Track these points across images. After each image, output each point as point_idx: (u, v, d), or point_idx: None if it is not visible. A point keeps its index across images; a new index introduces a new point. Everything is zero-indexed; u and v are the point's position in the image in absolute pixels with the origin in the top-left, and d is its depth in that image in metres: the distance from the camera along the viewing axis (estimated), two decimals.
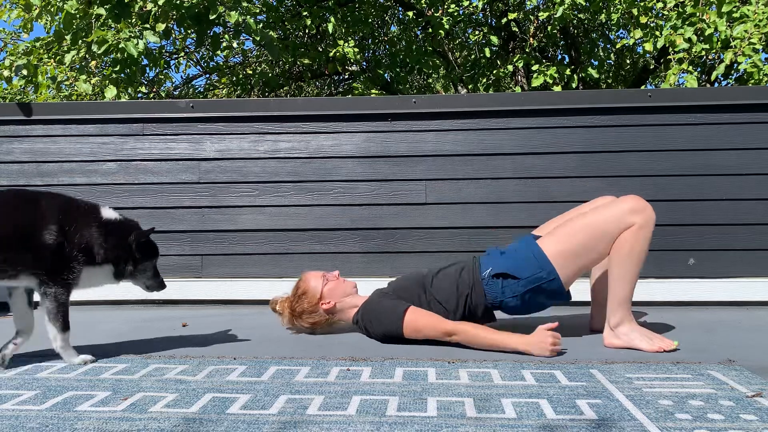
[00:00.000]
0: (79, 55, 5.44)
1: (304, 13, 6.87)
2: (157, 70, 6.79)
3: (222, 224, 3.12)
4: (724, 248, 2.94)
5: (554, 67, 6.57)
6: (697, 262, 2.94)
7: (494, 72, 7.72)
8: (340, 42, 6.73)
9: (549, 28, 7.06)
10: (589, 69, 7.07)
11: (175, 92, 8.11)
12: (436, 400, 1.48)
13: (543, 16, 6.49)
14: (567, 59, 8.34)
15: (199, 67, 8.57)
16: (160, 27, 5.12)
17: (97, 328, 2.51)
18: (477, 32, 7.77)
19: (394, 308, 2.08)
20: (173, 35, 6.69)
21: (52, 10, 5.27)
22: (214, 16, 5.01)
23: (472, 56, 8.56)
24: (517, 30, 8.09)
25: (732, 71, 6.11)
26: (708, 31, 5.09)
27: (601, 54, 8.66)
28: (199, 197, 3.12)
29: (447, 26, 7.03)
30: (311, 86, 9.96)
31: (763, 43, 5.01)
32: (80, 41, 5.33)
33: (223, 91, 8.63)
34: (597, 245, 1.99)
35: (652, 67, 7.85)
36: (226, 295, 3.06)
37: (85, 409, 1.44)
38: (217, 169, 3.13)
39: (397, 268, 2.91)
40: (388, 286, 2.24)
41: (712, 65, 5.61)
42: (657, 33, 5.55)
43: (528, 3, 7.24)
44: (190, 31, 6.70)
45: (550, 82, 6.51)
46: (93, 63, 5.61)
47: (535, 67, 6.70)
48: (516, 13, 7.06)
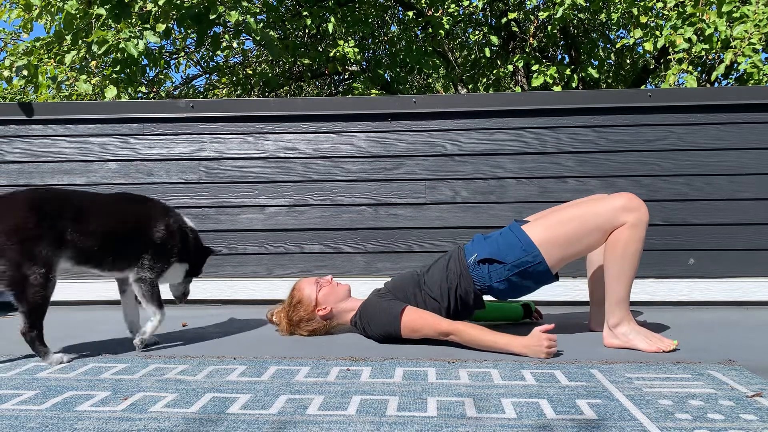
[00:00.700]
0: (80, 55, 5.45)
1: (304, 13, 6.87)
2: (157, 70, 6.80)
3: (222, 224, 3.12)
4: (724, 248, 2.94)
5: (554, 67, 6.57)
6: (697, 262, 2.94)
7: (494, 72, 7.72)
8: (340, 42, 6.73)
9: (549, 28, 7.06)
10: (589, 69, 7.07)
11: (175, 92, 8.11)
12: (436, 400, 1.48)
13: (543, 16, 6.49)
14: (567, 59, 8.34)
15: (199, 67, 8.57)
16: (161, 27, 5.12)
17: (97, 328, 2.51)
18: (477, 32, 7.77)
19: (391, 309, 2.08)
20: (173, 35, 6.69)
21: (53, 10, 5.28)
22: (215, 16, 5.01)
23: (472, 56, 8.56)
24: (517, 30, 8.09)
25: (732, 71, 6.12)
26: (708, 31, 5.09)
27: (601, 54, 8.66)
28: (199, 197, 3.12)
29: (447, 26, 7.03)
30: (311, 86, 9.96)
31: (763, 44, 5.01)
32: (80, 41, 5.33)
33: (223, 91, 8.63)
34: (585, 237, 1.99)
35: (652, 67, 7.84)
36: (226, 295, 3.07)
37: (85, 409, 1.44)
38: (217, 169, 3.14)
39: (397, 268, 2.91)
40: (385, 287, 2.24)
41: (712, 65, 5.61)
42: (657, 33, 5.55)
43: (528, 3, 7.24)
44: (190, 31, 6.70)
45: (550, 82, 6.51)
46: (93, 63, 5.61)
47: (535, 67, 6.70)
48: (516, 13, 7.06)
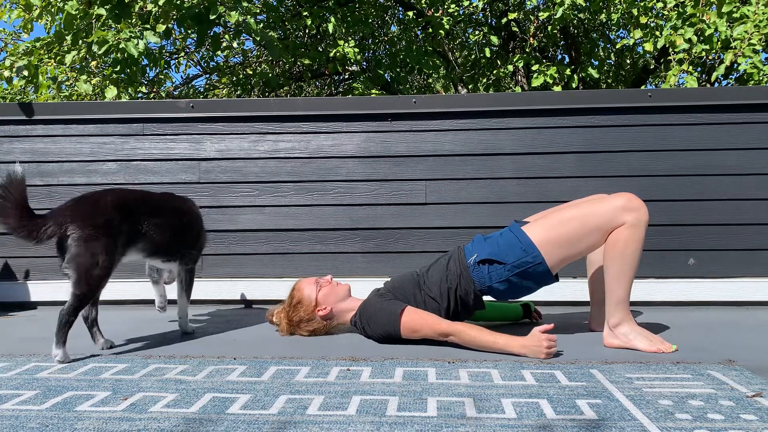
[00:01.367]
0: (80, 56, 5.45)
1: (305, 13, 6.87)
2: (157, 70, 6.80)
3: (222, 224, 3.12)
4: (724, 248, 2.94)
5: (554, 67, 6.57)
6: (697, 262, 2.95)
7: (494, 72, 7.72)
8: (340, 42, 6.73)
9: (549, 28, 7.06)
10: (589, 69, 7.07)
11: (175, 92, 8.11)
12: (436, 400, 1.48)
13: (543, 16, 6.50)
14: (567, 59, 8.34)
15: (199, 67, 8.57)
16: (161, 28, 5.12)
17: None
18: (477, 32, 7.77)
19: (391, 309, 2.08)
20: (173, 35, 6.69)
21: (53, 10, 5.27)
22: (215, 17, 5.01)
23: (472, 56, 8.57)
24: (517, 30, 8.09)
25: (732, 72, 6.12)
26: (708, 32, 5.09)
27: (601, 54, 8.67)
28: (199, 197, 3.12)
29: (447, 26, 7.03)
30: (311, 86, 9.96)
31: (763, 44, 5.01)
32: (81, 41, 5.33)
33: (223, 91, 8.63)
34: (585, 237, 1.98)
35: (652, 67, 7.85)
36: (226, 295, 3.07)
37: (85, 409, 1.44)
38: (217, 169, 3.14)
39: (397, 268, 2.91)
40: (384, 287, 2.24)
41: (713, 66, 5.61)
42: (657, 33, 5.55)
43: (528, 3, 7.24)
44: (190, 31, 6.70)
45: (550, 82, 6.51)
46: (93, 63, 5.61)
47: (535, 67, 6.70)
48: (516, 13, 7.06)
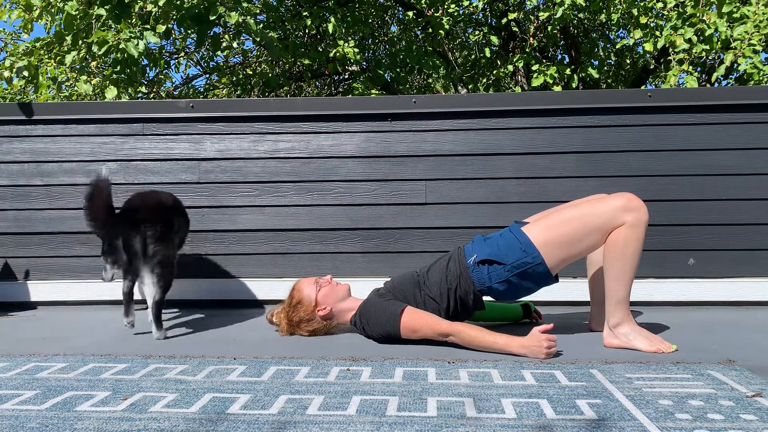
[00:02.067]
0: (80, 56, 5.45)
1: (304, 13, 6.87)
2: (157, 70, 6.80)
3: (222, 224, 3.12)
4: (724, 248, 2.94)
5: (554, 67, 6.57)
6: (697, 262, 2.94)
7: (494, 72, 7.72)
8: (340, 42, 6.73)
9: (549, 28, 7.06)
10: (589, 69, 7.07)
11: (175, 92, 8.11)
12: (436, 400, 1.48)
13: (543, 16, 6.50)
14: (567, 59, 8.34)
15: (199, 67, 8.57)
16: (161, 28, 5.12)
17: (98, 328, 2.51)
18: (477, 32, 7.77)
19: (390, 309, 2.08)
20: (173, 35, 6.69)
21: (53, 10, 5.27)
22: (215, 17, 5.01)
23: (472, 56, 8.57)
24: (517, 30, 8.09)
25: (732, 72, 6.12)
26: (708, 32, 5.09)
27: (601, 54, 8.67)
28: (199, 197, 3.12)
29: (447, 26, 7.03)
30: (311, 86, 9.96)
31: (763, 44, 5.01)
32: (81, 42, 5.33)
33: (223, 91, 8.63)
34: (586, 237, 1.98)
35: (652, 67, 7.85)
36: (226, 295, 3.07)
37: (85, 409, 1.44)
38: (217, 169, 3.14)
39: (397, 268, 2.91)
40: (384, 286, 2.24)
41: (713, 66, 5.61)
42: (657, 33, 5.56)
43: (528, 3, 7.25)
44: (190, 31, 6.70)
45: (550, 82, 6.51)
46: (93, 63, 5.61)
47: (535, 67, 6.71)
48: (516, 13, 7.06)
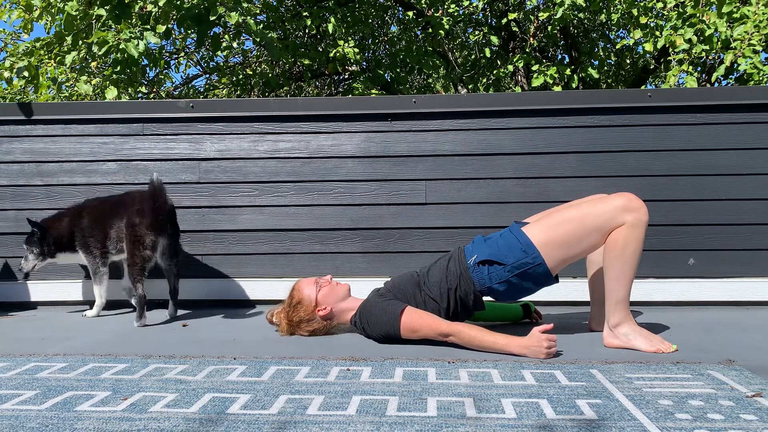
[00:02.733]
0: (80, 56, 5.45)
1: (304, 14, 6.87)
2: (157, 71, 6.80)
3: (222, 224, 3.12)
4: (724, 248, 2.94)
5: (554, 67, 6.57)
6: (697, 262, 2.94)
7: (494, 72, 7.72)
8: (340, 42, 6.73)
9: (549, 28, 7.07)
10: (589, 69, 7.07)
11: (175, 92, 8.11)
12: (436, 400, 1.48)
13: (543, 16, 6.50)
14: (567, 59, 8.34)
15: (199, 67, 8.57)
16: (161, 28, 5.12)
17: (98, 328, 2.52)
18: (477, 32, 7.77)
19: (390, 309, 2.08)
20: (173, 35, 6.69)
21: (53, 11, 5.27)
22: (215, 17, 5.01)
23: (472, 56, 8.57)
24: (517, 30, 8.09)
25: (732, 72, 6.12)
26: (708, 32, 5.09)
27: (601, 54, 8.67)
28: (199, 197, 3.12)
29: (447, 26, 7.03)
30: (311, 86, 9.96)
31: (763, 44, 5.01)
32: (81, 42, 5.33)
33: (223, 92, 8.64)
34: (586, 238, 1.98)
35: (652, 67, 7.85)
36: (226, 295, 3.07)
37: (85, 409, 1.44)
38: (217, 169, 3.14)
39: (396, 268, 2.91)
40: (384, 286, 2.24)
41: (713, 66, 5.61)
42: (657, 33, 5.56)
43: (528, 3, 7.25)
44: (190, 32, 6.71)
45: (550, 82, 6.51)
46: (93, 64, 5.61)
47: (535, 67, 6.71)
48: (516, 13, 7.06)
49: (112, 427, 1.32)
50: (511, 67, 7.31)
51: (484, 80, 8.17)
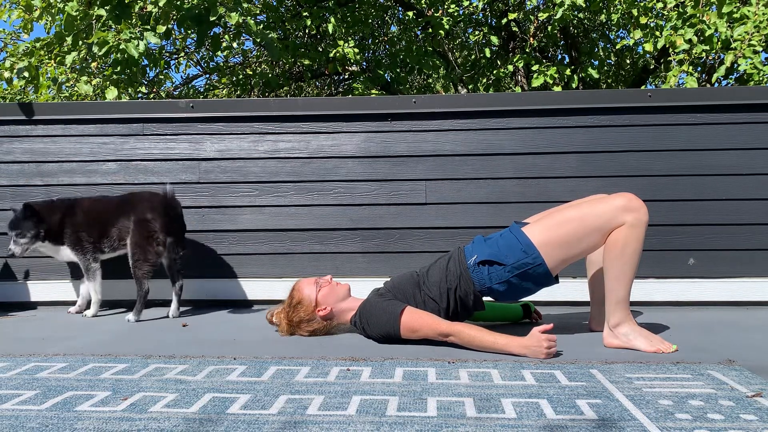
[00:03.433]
0: (80, 56, 5.44)
1: (304, 14, 6.87)
2: (157, 71, 6.80)
3: (222, 224, 3.12)
4: (724, 248, 2.94)
5: (554, 67, 6.57)
6: (697, 262, 2.94)
7: (494, 72, 7.72)
8: (340, 42, 6.73)
9: (549, 28, 7.07)
10: (589, 69, 7.07)
11: (175, 92, 8.11)
12: (436, 400, 1.48)
13: (543, 16, 6.50)
14: (567, 59, 8.34)
15: (199, 68, 8.57)
16: (161, 29, 5.12)
17: (97, 328, 2.51)
18: (477, 32, 7.77)
19: (390, 309, 2.08)
20: (173, 35, 6.69)
21: (53, 11, 5.27)
22: (215, 18, 5.01)
23: (472, 56, 8.57)
24: (517, 30, 8.09)
25: (732, 72, 6.12)
26: (708, 32, 5.09)
27: (601, 54, 8.67)
28: (199, 197, 3.12)
29: (447, 26, 7.03)
30: (311, 86, 9.96)
31: (763, 45, 5.01)
32: (81, 42, 5.33)
33: (223, 92, 8.64)
34: (586, 238, 1.98)
35: (652, 67, 7.85)
36: (226, 295, 3.07)
37: (85, 409, 1.44)
38: (217, 169, 3.14)
39: (397, 268, 2.91)
40: (384, 286, 2.24)
41: (713, 66, 5.61)
42: (657, 33, 5.56)
43: (528, 3, 7.25)
44: (190, 32, 6.71)
45: (550, 82, 6.51)
46: (94, 64, 5.61)
47: (535, 67, 6.71)
48: (516, 13, 7.06)
49: (112, 427, 1.32)
50: (511, 67, 7.31)
51: (484, 80, 8.18)
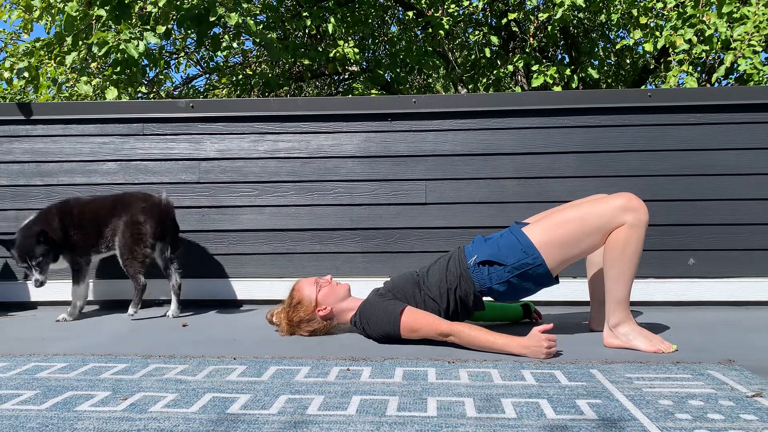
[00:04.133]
0: (80, 57, 5.44)
1: (304, 14, 6.87)
2: (157, 71, 6.80)
3: (222, 224, 3.12)
4: (724, 248, 2.94)
5: (554, 67, 6.57)
6: (697, 262, 2.94)
7: (494, 72, 7.73)
8: (340, 42, 6.74)
9: (549, 28, 7.07)
10: (589, 69, 7.07)
11: (175, 92, 8.11)
12: (436, 400, 1.48)
13: (543, 16, 6.50)
14: (567, 59, 8.34)
15: (199, 68, 8.58)
16: (161, 29, 5.12)
17: (97, 328, 2.52)
18: (477, 32, 7.77)
19: (390, 309, 2.08)
20: (173, 35, 6.69)
21: (53, 11, 5.27)
22: (214, 18, 5.01)
23: (472, 56, 8.57)
24: (517, 30, 8.09)
25: (732, 72, 6.12)
26: (708, 32, 5.09)
27: (601, 54, 8.67)
28: (199, 197, 3.12)
29: (447, 26, 7.03)
30: (311, 86, 9.96)
31: (763, 45, 5.01)
32: (81, 43, 5.33)
33: (223, 92, 8.64)
34: (586, 238, 1.98)
35: (652, 67, 7.85)
36: (226, 295, 3.07)
37: (85, 409, 1.44)
38: (217, 169, 3.14)
39: (397, 268, 2.91)
40: (384, 286, 2.24)
41: (713, 66, 5.62)
42: (657, 33, 5.56)
43: (528, 3, 7.25)
44: (190, 32, 6.71)
45: (550, 82, 6.51)
46: (93, 64, 5.61)
47: (535, 67, 6.71)
48: (516, 13, 7.07)
49: (112, 427, 1.32)
50: (511, 67, 7.32)
51: (484, 80, 8.18)
